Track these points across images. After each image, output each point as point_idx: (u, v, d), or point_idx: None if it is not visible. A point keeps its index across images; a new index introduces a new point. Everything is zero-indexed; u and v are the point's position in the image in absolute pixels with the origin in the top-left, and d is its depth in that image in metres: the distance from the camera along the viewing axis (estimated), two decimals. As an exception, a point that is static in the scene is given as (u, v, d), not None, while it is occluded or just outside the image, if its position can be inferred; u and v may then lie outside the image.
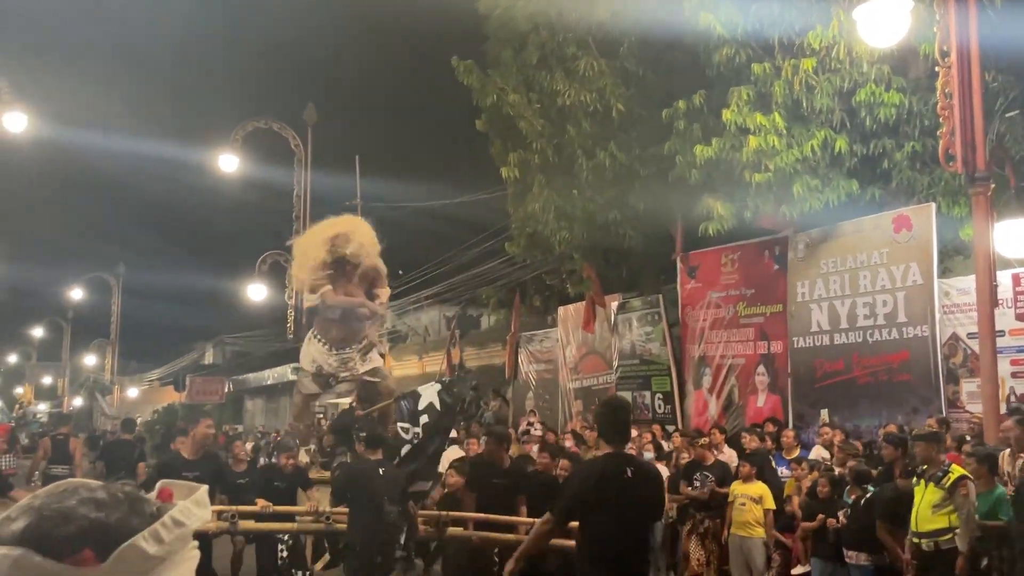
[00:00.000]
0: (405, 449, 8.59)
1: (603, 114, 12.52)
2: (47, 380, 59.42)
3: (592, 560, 4.52)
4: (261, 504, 7.66)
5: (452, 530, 7.63)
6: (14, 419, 47.84)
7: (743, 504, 8.94)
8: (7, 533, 0.99)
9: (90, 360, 47.31)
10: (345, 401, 11.93)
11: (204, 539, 6.74)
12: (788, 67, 10.52)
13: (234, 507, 7.38)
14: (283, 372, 28.84)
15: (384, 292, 9.53)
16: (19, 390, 60.72)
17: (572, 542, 5.07)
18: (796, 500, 8.65)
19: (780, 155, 10.49)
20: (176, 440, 8.08)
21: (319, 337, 9.34)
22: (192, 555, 1.10)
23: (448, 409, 9.05)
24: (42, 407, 46.37)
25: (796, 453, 9.80)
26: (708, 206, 11.35)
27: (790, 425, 11.15)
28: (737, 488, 9.09)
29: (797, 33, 10.51)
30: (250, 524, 7.53)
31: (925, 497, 6.65)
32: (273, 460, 9.76)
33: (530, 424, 15.92)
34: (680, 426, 12.82)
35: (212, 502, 6.76)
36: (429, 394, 9.02)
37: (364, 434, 8.04)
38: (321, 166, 19.89)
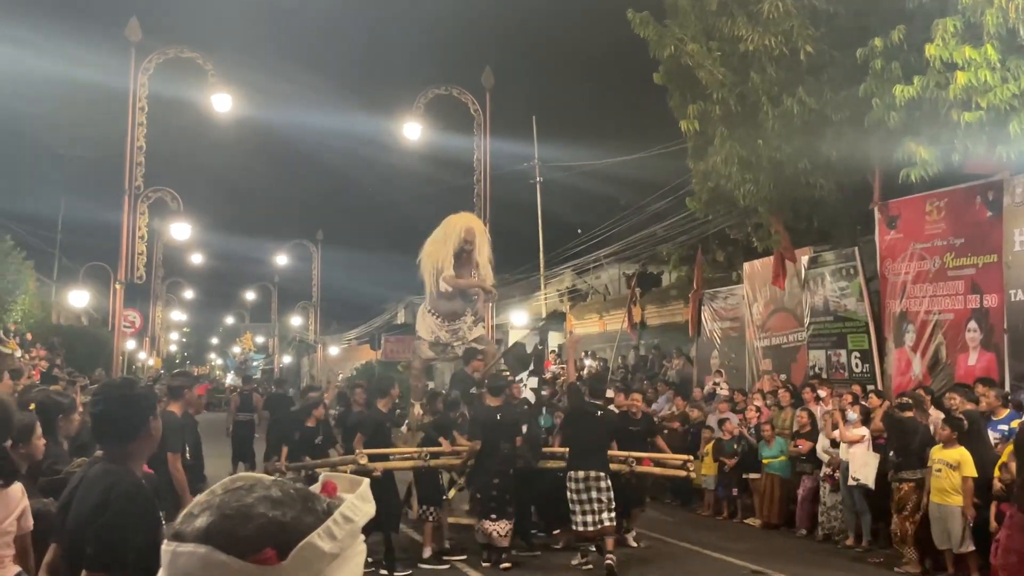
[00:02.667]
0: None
1: (790, 58, 11.86)
2: (259, 339, 64.74)
3: (573, 455, 8.97)
4: (445, 443, 9.66)
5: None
6: (238, 366, 52.94)
7: (939, 470, 8.49)
8: (191, 529, 1.01)
9: (295, 321, 50.87)
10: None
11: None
12: (1003, -8, 9.48)
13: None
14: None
15: (489, 275, 11.77)
16: (236, 349, 66.72)
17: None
18: (1013, 466, 7.94)
19: (993, 91, 9.54)
20: (377, 400, 10.08)
21: (432, 311, 11.61)
22: (360, 550, 1.09)
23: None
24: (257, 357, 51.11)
25: (1003, 415, 9.07)
26: (910, 151, 10.51)
27: (1007, 386, 10.26)
28: (935, 453, 8.61)
29: (1013, -47, 9.44)
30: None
31: None
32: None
33: (716, 384, 15.56)
34: (880, 386, 12.10)
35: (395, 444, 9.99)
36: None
37: (487, 383, 9.93)
38: (498, 129, 20.13)
